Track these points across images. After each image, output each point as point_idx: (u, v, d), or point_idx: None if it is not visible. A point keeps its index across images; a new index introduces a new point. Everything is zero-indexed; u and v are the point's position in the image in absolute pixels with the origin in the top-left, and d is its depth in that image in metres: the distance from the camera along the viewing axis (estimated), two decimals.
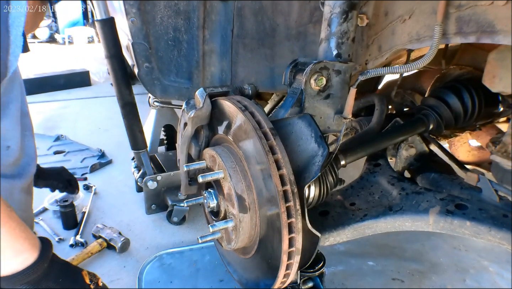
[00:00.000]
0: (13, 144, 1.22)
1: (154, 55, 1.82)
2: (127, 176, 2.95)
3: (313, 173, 1.03)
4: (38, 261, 0.98)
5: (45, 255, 1.00)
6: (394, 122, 1.61)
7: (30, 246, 0.99)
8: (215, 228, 1.12)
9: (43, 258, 0.99)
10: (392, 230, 1.31)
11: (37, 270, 0.97)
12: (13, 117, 1.21)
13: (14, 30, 1.02)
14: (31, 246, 0.99)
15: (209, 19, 1.77)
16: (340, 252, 2.18)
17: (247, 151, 1.07)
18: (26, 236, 0.98)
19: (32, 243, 1.00)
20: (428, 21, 1.19)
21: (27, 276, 0.96)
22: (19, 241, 0.96)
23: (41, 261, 0.99)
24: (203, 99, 1.20)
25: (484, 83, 1.33)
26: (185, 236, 2.33)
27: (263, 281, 1.18)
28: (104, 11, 2.13)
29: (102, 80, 6.17)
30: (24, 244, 0.97)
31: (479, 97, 1.63)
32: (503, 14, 0.95)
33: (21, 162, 1.29)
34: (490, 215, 1.14)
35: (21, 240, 0.97)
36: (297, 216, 0.98)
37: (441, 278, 2.01)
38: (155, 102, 2.78)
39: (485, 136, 2.06)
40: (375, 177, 1.51)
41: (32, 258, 0.97)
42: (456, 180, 1.38)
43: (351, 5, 1.19)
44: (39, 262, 0.98)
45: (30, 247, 0.98)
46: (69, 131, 3.94)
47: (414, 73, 2.19)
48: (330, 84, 1.21)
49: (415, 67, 1.14)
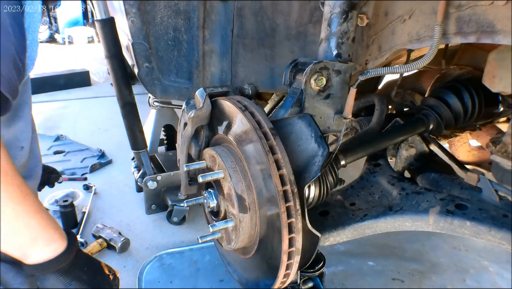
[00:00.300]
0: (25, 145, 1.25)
1: (154, 55, 1.82)
2: (127, 176, 2.95)
3: (313, 173, 1.03)
4: (68, 250, 1.04)
5: (73, 244, 1.06)
6: (394, 122, 1.61)
7: (59, 236, 1.04)
8: (215, 228, 1.12)
9: (72, 248, 1.05)
10: (392, 230, 1.31)
11: (67, 258, 1.03)
12: (27, 119, 1.24)
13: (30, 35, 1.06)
14: (61, 236, 1.04)
15: (209, 19, 1.77)
16: (340, 252, 2.18)
17: (247, 151, 1.07)
18: (56, 226, 1.04)
19: (61, 233, 1.05)
20: (428, 21, 1.19)
21: (59, 264, 1.01)
22: (50, 231, 1.02)
23: (70, 250, 1.04)
24: (203, 99, 1.19)
25: (484, 83, 1.33)
26: (185, 236, 2.33)
27: (263, 281, 1.18)
28: (104, 11, 2.13)
29: (102, 80, 6.17)
30: (55, 234, 1.03)
31: (479, 97, 1.63)
32: (503, 14, 0.95)
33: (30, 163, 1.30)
34: (490, 215, 1.14)
35: (52, 230, 1.02)
36: (297, 216, 0.98)
37: (441, 278, 2.01)
38: (155, 102, 2.78)
39: (485, 136, 2.06)
40: (375, 177, 1.51)
41: (62, 247, 1.03)
42: (456, 180, 1.38)
43: (351, 5, 1.19)
44: (69, 251, 1.04)
45: (60, 237, 1.04)
46: (69, 131, 3.95)
47: (414, 73, 2.19)
48: (330, 84, 1.21)
49: (415, 67, 1.14)
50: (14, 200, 0.94)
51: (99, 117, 4.49)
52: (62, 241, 1.04)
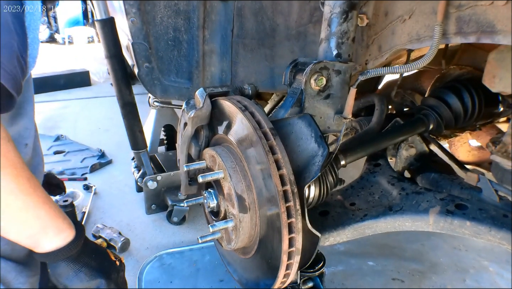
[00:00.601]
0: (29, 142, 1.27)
1: (154, 55, 1.82)
2: (127, 176, 2.95)
3: (313, 173, 1.03)
4: (77, 238, 1.07)
5: (81, 233, 1.10)
6: (394, 122, 1.61)
7: (68, 225, 1.07)
8: (215, 228, 1.12)
9: (80, 236, 1.09)
10: (392, 230, 1.31)
11: (77, 246, 1.07)
12: (30, 116, 1.26)
13: (31, 33, 1.08)
14: (69, 225, 1.08)
15: (209, 19, 1.77)
16: (340, 252, 2.18)
17: (247, 151, 1.07)
18: (64, 217, 1.08)
19: (69, 223, 1.09)
20: (428, 21, 1.19)
21: (69, 251, 1.05)
22: (59, 220, 1.05)
23: (79, 238, 1.08)
24: (203, 99, 1.19)
25: (484, 83, 1.33)
26: (185, 236, 2.33)
27: (263, 281, 1.18)
28: (104, 11, 2.13)
29: (102, 80, 6.17)
30: (64, 223, 1.06)
31: (479, 97, 1.63)
32: (503, 14, 0.95)
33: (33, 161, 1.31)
34: (490, 215, 1.14)
35: (60, 219, 1.06)
36: (297, 216, 0.98)
37: (441, 278, 2.01)
38: (155, 102, 2.78)
39: (485, 136, 2.06)
40: (375, 177, 1.50)
41: (71, 236, 1.06)
42: (456, 180, 1.38)
43: (351, 5, 1.19)
44: (78, 239, 1.08)
45: (68, 226, 1.07)
46: (69, 131, 3.95)
47: (414, 73, 2.18)
48: (330, 84, 1.21)
49: (415, 67, 1.14)
50: (24, 192, 0.97)
51: (99, 117, 4.49)
52: (70, 230, 1.07)
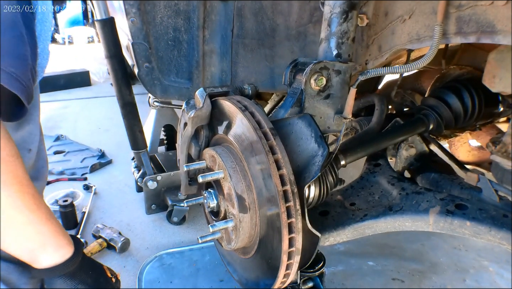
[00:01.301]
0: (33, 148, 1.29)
1: (154, 55, 1.82)
2: (127, 176, 2.95)
3: (313, 173, 1.03)
4: (75, 255, 1.09)
5: (79, 250, 1.12)
6: (394, 122, 1.61)
7: (67, 241, 1.10)
8: (215, 228, 1.12)
9: (78, 253, 1.11)
10: (392, 230, 1.31)
11: (74, 263, 1.09)
12: (35, 122, 1.29)
13: (42, 44, 1.10)
14: (68, 242, 1.10)
15: (209, 19, 1.77)
16: (340, 252, 2.18)
17: (247, 151, 1.07)
18: (64, 233, 1.10)
19: (68, 239, 1.11)
20: (428, 21, 1.19)
21: (66, 268, 1.07)
22: (59, 237, 1.07)
23: (77, 255, 1.10)
24: (203, 99, 1.19)
25: (484, 83, 1.33)
26: (185, 236, 2.33)
27: (263, 281, 1.18)
28: (104, 11, 2.13)
29: (102, 80, 6.17)
30: (63, 240, 1.08)
31: (479, 97, 1.63)
32: (503, 14, 0.95)
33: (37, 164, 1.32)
34: (490, 215, 1.14)
35: (60, 236, 1.08)
36: (297, 216, 0.98)
37: (441, 278, 2.01)
38: (155, 102, 2.78)
39: (485, 136, 2.06)
40: (375, 177, 1.51)
41: (69, 253, 1.09)
42: (456, 180, 1.38)
43: (351, 5, 1.19)
44: (76, 256, 1.10)
45: (67, 243, 1.09)
46: (69, 131, 3.95)
47: (414, 73, 2.19)
48: (330, 84, 1.21)
49: (415, 67, 1.14)
50: (28, 207, 0.99)
51: (99, 117, 4.49)
52: (69, 247, 1.09)
